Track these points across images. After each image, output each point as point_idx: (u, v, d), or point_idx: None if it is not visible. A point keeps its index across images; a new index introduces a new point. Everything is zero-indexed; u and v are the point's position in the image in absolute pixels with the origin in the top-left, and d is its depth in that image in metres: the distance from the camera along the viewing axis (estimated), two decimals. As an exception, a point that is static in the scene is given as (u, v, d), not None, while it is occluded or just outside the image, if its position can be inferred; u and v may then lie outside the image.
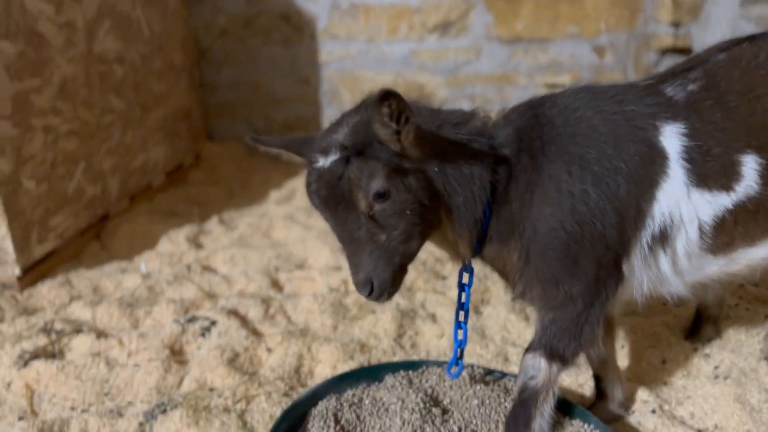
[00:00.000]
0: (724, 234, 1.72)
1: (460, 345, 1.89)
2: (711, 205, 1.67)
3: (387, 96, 1.43)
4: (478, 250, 1.76)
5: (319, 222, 3.82)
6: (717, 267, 1.79)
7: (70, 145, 3.26)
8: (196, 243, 3.60)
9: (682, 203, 1.67)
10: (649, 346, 2.41)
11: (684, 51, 4.28)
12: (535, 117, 1.75)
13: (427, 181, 1.61)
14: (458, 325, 1.89)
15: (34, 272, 3.00)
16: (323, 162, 1.56)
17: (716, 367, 2.24)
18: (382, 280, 1.58)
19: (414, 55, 4.96)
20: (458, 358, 1.91)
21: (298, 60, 5.10)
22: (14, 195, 2.84)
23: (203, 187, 4.53)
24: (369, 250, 1.57)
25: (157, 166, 4.23)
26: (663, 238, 1.69)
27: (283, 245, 3.55)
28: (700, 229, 1.70)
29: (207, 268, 3.28)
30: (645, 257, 1.71)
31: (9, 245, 2.83)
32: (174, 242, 3.55)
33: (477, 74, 4.94)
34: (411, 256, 1.65)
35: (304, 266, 3.31)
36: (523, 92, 4.89)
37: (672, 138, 1.67)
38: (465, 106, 4.99)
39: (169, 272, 3.19)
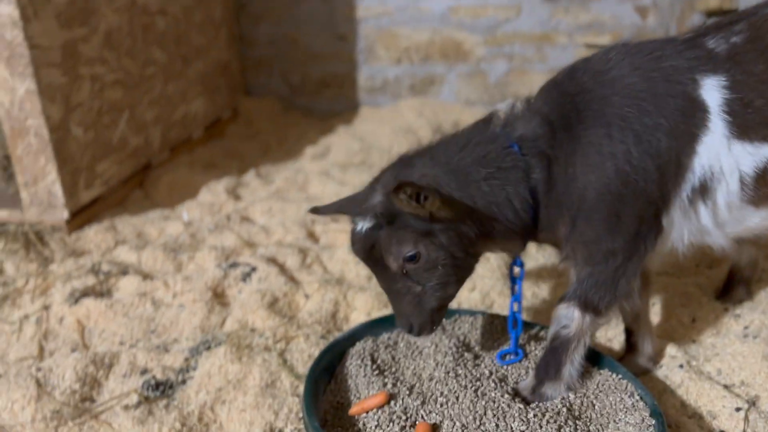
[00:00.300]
0: (766, 185, 1.73)
1: (517, 334, 1.96)
2: (752, 156, 1.68)
3: (399, 188, 1.54)
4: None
5: (354, 178, 3.89)
6: (759, 219, 1.79)
7: (115, 94, 3.35)
8: (234, 194, 3.70)
9: (722, 156, 1.68)
10: (680, 304, 2.44)
11: (730, 14, 4.18)
12: (562, 94, 1.77)
13: (459, 235, 1.70)
14: (512, 315, 1.96)
15: (81, 216, 3.12)
16: (360, 226, 1.70)
17: (746, 327, 2.26)
18: (421, 323, 1.73)
19: (452, 11, 4.92)
20: (516, 347, 1.97)
21: (335, 15, 5.10)
22: (63, 141, 2.95)
23: (240, 141, 4.61)
24: (407, 299, 1.71)
25: (197, 118, 4.31)
26: (703, 190, 1.71)
27: (319, 199, 3.62)
28: (741, 181, 1.71)
29: (245, 219, 3.38)
30: (685, 210, 1.73)
31: (58, 189, 2.95)
32: (213, 193, 3.64)
33: (516, 33, 4.89)
34: (449, 299, 1.78)
35: (339, 219, 3.38)
36: (562, 52, 4.83)
37: (712, 91, 1.68)
38: (503, 66, 4.96)
39: (210, 221, 3.30)
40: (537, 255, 2.88)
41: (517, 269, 1.93)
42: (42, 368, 2.08)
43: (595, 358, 1.95)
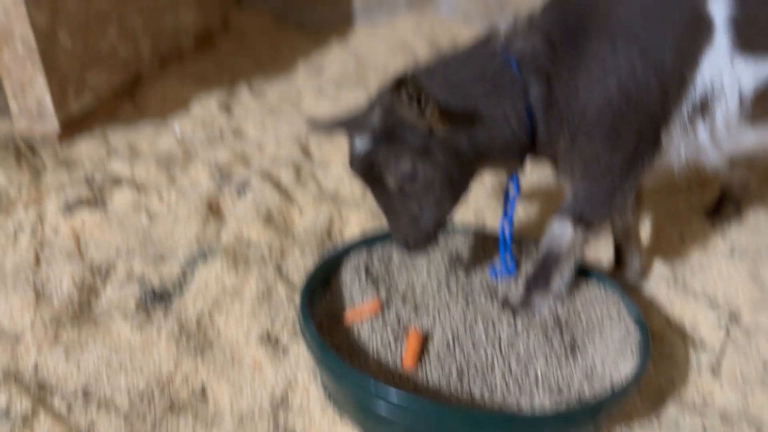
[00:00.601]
0: (765, 104, 1.73)
1: (508, 252, 1.97)
2: (754, 73, 1.67)
3: (401, 83, 1.49)
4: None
5: (348, 96, 3.83)
6: (754, 137, 1.80)
7: (101, 2, 3.24)
8: (226, 108, 3.65)
9: (724, 72, 1.67)
10: (670, 222, 2.48)
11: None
12: (566, 9, 1.73)
13: (457, 154, 1.68)
14: (503, 234, 1.96)
15: (72, 127, 3.08)
16: (359, 144, 1.67)
17: (733, 246, 2.31)
18: (416, 241, 1.72)
19: None
20: (508, 264, 1.99)
21: (330, -76, 4.88)
22: (51, 49, 2.87)
23: (232, 55, 4.51)
24: (404, 218, 1.70)
25: (187, 29, 4.20)
26: (703, 106, 1.71)
27: (313, 116, 3.58)
28: (741, 99, 1.71)
29: (238, 133, 3.35)
30: (684, 126, 1.73)
31: (47, 99, 2.89)
32: (205, 107, 3.59)
33: (517, -54, 4.72)
34: (445, 217, 1.76)
35: (334, 136, 3.36)
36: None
37: (719, 5, 1.65)
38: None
39: (202, 135, 3.26)
40: (531, 173, 2.88)
41: (512, 187, 1.94)
42: (39, 276, 2.11)
43: (583, 271, 1.99)
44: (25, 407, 1.62)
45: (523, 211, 2.62)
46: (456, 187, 1.73)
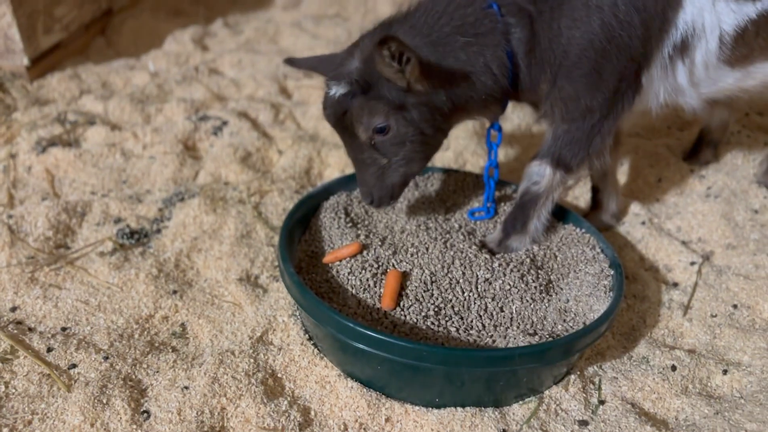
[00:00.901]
0: (744, 45, 1.72)
1: (488, 198, 1.97)
2: (735, 14, 1.66)
3: (385, 41, 1.46)
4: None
5: (328, 31, 3.74)
6: (733, 80, 1.80)
7: (68, -71, 3.09)
8: (201, 45, 3.55)
9: (706, 11, 1.65)
10: (648, 165, 2.49)
11: None
12: None
13: (433, 111, 1.66)
14: (488, 180, 1.95)
15: (42, 64, 2.98)
16: (334, 91, 1.64)
17: (709, 188, 2.34)
18: (382, 195, 1.74)
19: None
20: (487, 207, 1.99)
21: None
22: (16, -20, 2.75)
23: (207, -12, 4.35)
24: (371, 170, 1.71)
25: (159, -39, 4.03)
26: (683, 47, 1.70)
27: (291, 52, 3.50)
28: (721, 39, 1.70)
29: (214, 71, 3.27)
30: (664, 67, 1.73)
31: (15, 33, 2.79)
32: (180, 42, 3.49)
33: None
34: (413, 174, 1.76)
35: (312, 75, 3.29)
36: None
37: None
38: None
39: (177, 72, 3.18)
40: (512, 116, 2.87)
41: (494, 133, 1.93)
42: (13, 215, 2.08)
43: (560, 213, 2.00)
44: (4, 347, 1.62)
45: (502, 154, 2.61)
46: (427, 146, 1.73)
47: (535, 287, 1.71)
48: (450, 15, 1.67)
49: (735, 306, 1.88)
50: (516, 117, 2.84)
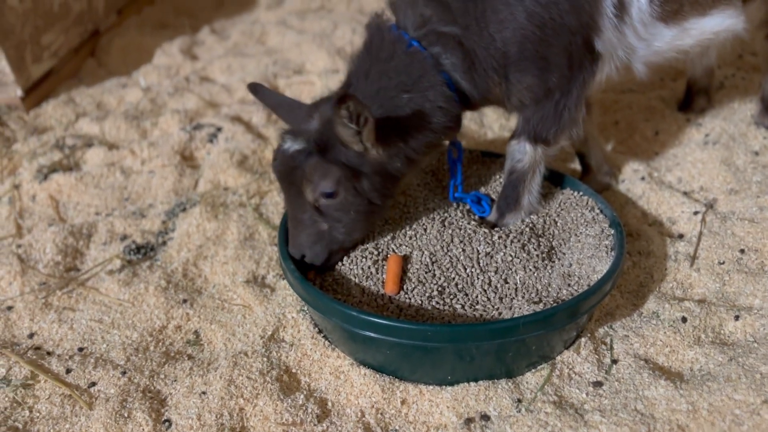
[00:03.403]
0: (673, 1, 1.73)
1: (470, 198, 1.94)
2: None
3: (344, 99, 1.45)
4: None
5: (314, 25, 3.74)
6: (669, 37, 1.79)
7: (45, -44, 3.11)
8: (190, 54, 3.57)
9: None
10: (644, 119, 2.47)
11: None
12: None
13: (385, 180, 1.67)
14: (453, 196, 1.91)
15: (36, 93, 3.02)
16: (288, 145, 1.63)
17: (707, 135, 2.31)
18: (314, 258, 1.68)
19: None
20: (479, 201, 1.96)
21: None
22: (0, 14, 2.78)
23: (190, -3, 4.37)
24: (309, 231, 1.67)
25: (140, -24, 4.05)
26: (621, 6, 1.70)
27: (279, 51, 3.51)
28: None
29: (205, 79, 3.29)
30: (615, 26, 1.72)
31: (5, 65, 2.82)
32: (168, 54, 3.51)
33: None
34: (351, 244, 1.73)
35: (303, 71, 3.30)
36: None
37: None
38: None
39: (169, 84, 3.21)
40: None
41: (455, 150, 1.92)
42: (22, 245, 2.12)
43: (557, 178, 2.00)
44: (25, 373, 1.66)
45: (499, 126, 2.60)
46: (372, 215, 1.72)
47: (537, 255, 1.71)
48: (386, 73, 1.68)
49: (742, 251, 1.87)
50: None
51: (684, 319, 1.68)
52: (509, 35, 1.66)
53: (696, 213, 2.01)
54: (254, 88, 1.78)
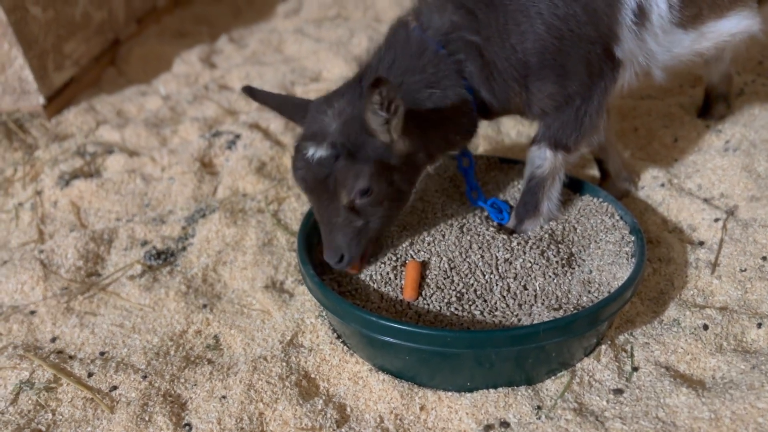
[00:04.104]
0: (692, 5, 1.73)
1: (495, 217, 1.93)
2: None
3: (378, 83, 1.44)
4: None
5: (330, 33, 3.77)
6: (688, 42, 1.80)
7: (67, -33, 3.17)
8: (209, 63, 3.60)
9: None
10: (663, 126, 2.46)
11: None
12: None
13: (411, 169, 1.67)
14: (472, 200, 1.94)
15: (57, 101, 3.07)
16: (312, 152, 1.59)
17: (727, 141, 2.30)
18: (353, 256, 1.66)
19: None
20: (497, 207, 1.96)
21: None
22: (24, 23, 2.83)
23: (208, 6, 4.42)
24: (345, 232, 1.65)
25: (159, -14, 4.11)
26: (642, 13, 1.70)
27: (296, 59, 3.53)
28: (669, 2, 1.71)
29: (224, 87, 3.32)
30: (636, 34, 1.73)
31: (29, 74, 2.87)
32: (187, 63, 3.55)
33: None
34: (384, 232, 1.75)
35: (319, 78, 3.32)
36: None
37: None
38: None
39: (188, 92, 3.24)
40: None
41: (466, 160, 1.94)
42: (44, 250, 2.15)
43: (576, 185, 1.99)
44: (48, 377, 1.68)
45: (516, 133, 2.60)
46: (402, 203, 1.73)
47: (557, 262, 1.70)
48: (411, 68, 1.68)
49: (764, 258, 1.85)
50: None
51: (705, 327, 1.66)
52: (530, 46, 1.67)
53: (717, 220, 1.99)
54: (250, 91, 1.76)
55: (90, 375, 1.69)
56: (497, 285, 1.65)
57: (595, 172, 2.27)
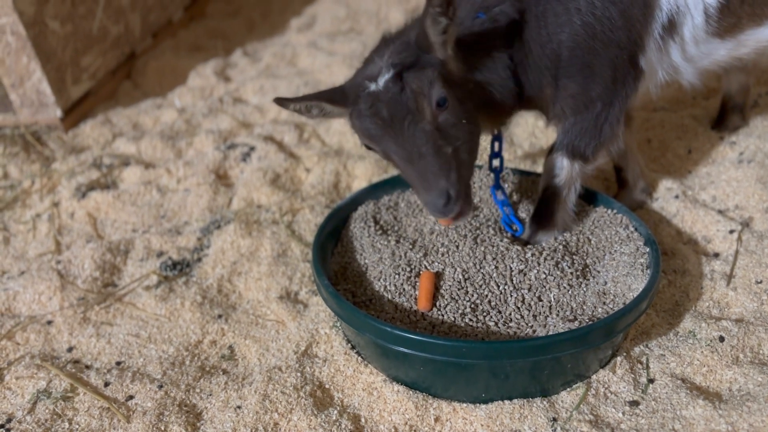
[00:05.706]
0: (731, 15, 1.73)
1: (504, 204, 1.93)
2: None
3: None
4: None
5: (343, 47, 3.80)
6: (725, 51, 1.81)
7: (85, -18, 3.22)
8: (224, 76, 3.64)
9: None
10: (676, 137, 2.46)
11: None
12: None
13: (471, 91, 1.62)
14: (497, 200, 1.94)
15: (74, 113, 3.11)
16: (376, 85, 1.52)
17: (741, 153, 2.29)
18: (458, 190, 1.50)
19: None
20: (509, 216, 1.92)
21: None
22: (42, 37, 2.88)
23: (223, 20, 4.46)
24: (439, 163, 1.49)
25: (175, 0, 4.16)
26: (671, 26, 1.71)
27: (310, 72, 3.56)
28: (706, 13, 1.71)
29: (238, 100, 3.35)
30: (659, 48, 1.74)
31: (46, 87, 2.91)
32: (202, 76, 3.59)
33: None
34: (471, 171, 1.63)
35: (333, 91, 3.34)
36: None
37: None
38: None
39: (203, 105, 3.27)
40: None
41: (497, 144, 1.94)
42: (61, 261, 2.17)
43: (590, 196, 2.00)
44: (65, 386, 1.70)
45: (528, 144, 2.61)
46: (476, 135, 1.65)
47: (572, 273, 1.70)
48: (469, 17, 1.69)
49: (780, 269, 1.84)
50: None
51: (721, 339, 1.66)
52: (564, 38, 1.69)
53: (731, 231, 1.98)
54: (281, 102, 1.67)
55: (106, 384, 1.70)
56: (512, 296, 1.65)
57: (609, 184, 2.27)
